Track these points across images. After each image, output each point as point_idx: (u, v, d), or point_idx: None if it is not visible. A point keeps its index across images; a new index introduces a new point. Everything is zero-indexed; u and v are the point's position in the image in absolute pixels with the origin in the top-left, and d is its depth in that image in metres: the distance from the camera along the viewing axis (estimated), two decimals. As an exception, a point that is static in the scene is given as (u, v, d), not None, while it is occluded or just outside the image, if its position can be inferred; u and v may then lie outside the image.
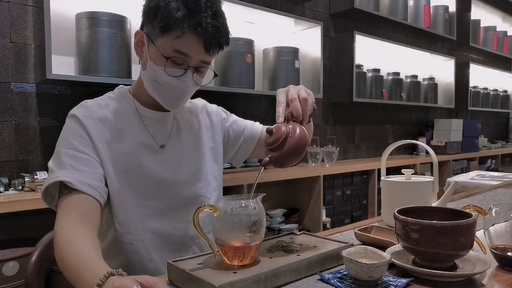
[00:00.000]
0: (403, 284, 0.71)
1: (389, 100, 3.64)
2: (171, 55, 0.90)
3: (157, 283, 0.60)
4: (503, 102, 5.46)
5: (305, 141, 0.80)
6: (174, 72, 0.92)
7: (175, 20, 0.86)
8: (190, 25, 0.86)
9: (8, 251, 1.57)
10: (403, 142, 1.19)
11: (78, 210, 0.84)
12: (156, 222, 0.98)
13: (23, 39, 1.87)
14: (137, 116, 1.00)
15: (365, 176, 3.17)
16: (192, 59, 0.91)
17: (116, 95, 1.02)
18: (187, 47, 0.89)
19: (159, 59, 0.91)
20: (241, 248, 0.73)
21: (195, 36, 0.88)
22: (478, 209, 0.84)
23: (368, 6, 3.25)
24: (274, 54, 2.73)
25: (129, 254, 0.96)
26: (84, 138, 0.92)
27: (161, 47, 0.90)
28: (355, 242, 0.93)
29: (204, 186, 1.06)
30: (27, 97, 1.89)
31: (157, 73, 0.92)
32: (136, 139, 0.98)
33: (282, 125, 0.81)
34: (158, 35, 0.90)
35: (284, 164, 0.82)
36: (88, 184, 0.86)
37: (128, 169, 0.95)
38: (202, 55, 0.91)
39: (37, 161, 1.92)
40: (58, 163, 0.89)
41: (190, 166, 1.04)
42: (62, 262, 0.76)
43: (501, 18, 5.41)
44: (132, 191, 0.95)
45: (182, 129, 1.06)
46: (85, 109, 0.96)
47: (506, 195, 1.66)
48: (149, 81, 0.95)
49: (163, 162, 1.00)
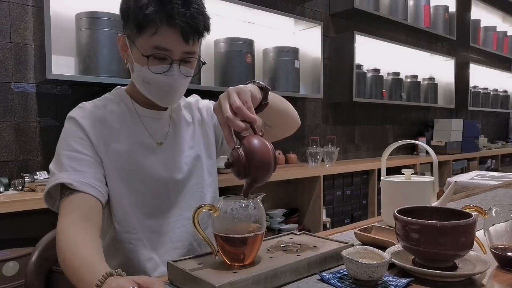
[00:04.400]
0: (403, 284, 0.71)
1: (389, 100, 3.64)
2: (151, 52, 0.89)
3: (155, 283, 0.60)
4: (503, 102, 5.46)
5: (266, 151, 0.73)
6: (159, 69, 0.91)
7: (146, 17, 0.85)
8: (162, 19, 0.85)
9: (8, 251, 1.57)
10: (403, 142, 1.19)
11: (80, 211, 0.84)
12: (154, 220, 0.99)
13: (23, 39, 1.87)
14: (134, 115, 1.00)
15: (365, 176, 3.17)
16: (173, 52, 0.90)
17: (113, 95, 1.02)
18: (165, 42, 0.88)
19: (141, 59, 0.90)
20: (241, 248, 0.73)
21: (170, 28, 0.86)
22: (478, 209, 0.84)
23: (368, 6, 3.25)
24: (274, 54, 2.73)
25: (128, 253, 0.96)
26: (83, 139, 0.92)
27: (141, 47, 0.89)
28: (355, 242, 0.93)
29: (200, 182, 1.06)
30: (27, 97, 1.89)
31: (144, 73, 0.92)
32: (134, 138, 0.98)
33: (235, 152, 0.74)
34: (136, 35, 0.89)
35: (263, 181, 0.76)
36: (88, 184, 0.87)
37: (127, 168, 0.95)
38: (182, 46, 0.89)
39: (37, 161, 1.92)
40: (58, 165, 0.90)
41: (186, 163, 1.04)
42: (64, 263, 0.76)
43: (501, 18, 5.41)
44: (130, 190, 0.96)
45: (178, 127, 1.06)
46: (82, 111, 0.96)
47: (506, 195, 1.66)
48: (139, 82, 0.95)
49: (161, 161, 1.00)
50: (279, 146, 2.89)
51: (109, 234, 0.98)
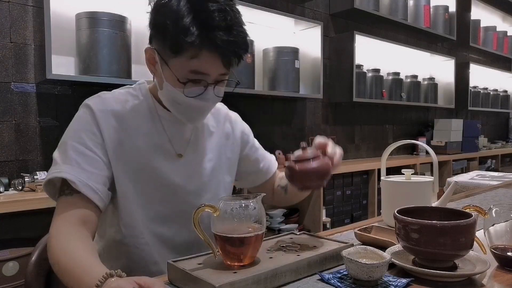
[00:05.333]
0: (403, 284, 0.71)
1: (389, 100, 3.64)
2: (188, 76, 0.84)
3: (155, 284, 0.60)
4: (503, 102, 5.46)
5: (328, 169, 0.89)
6: (193, 92, 0.86)
7: (187, 42, 0.79)
8: (205, 44, 0.80)
9: (8, 251, 1.57)
10: (403, 142, 1.19)
11: (76, 215, 0.82)
12: (161, 226, 0.96)
13: (23, 39, 1.87)
14: (155, 116, 0.95)
15: (365, 176, 3.17)
16: (211, 76, 0.85)
17: (136, 91, 0.97)
18: (204, 67, 0.83)
19: (175, 83, 0.85)
20: (241, 248, 0.73)
21: (212, 53, 0.81)
22: (478, 209, 0.84)
23: (368, 6, 3.25)
24: (274, 54, 2.73)
25: (133, 256, 0.95)
26: (95, 134, 0.88)
27: (175, 69, 0.84)
28: (355, 242, 0.93)
29: (212, 197, 1.00)
30: (27, 97, 1.89)
31: (175, 94, 0.87)
32: (152, 141, 0.93)
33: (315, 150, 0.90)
34: (171, 56, 0.83)
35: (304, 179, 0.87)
36: (90, 186, 0.83)
37: (140, 170, 0.92)
38: (221, 70, 0.85)
39: (37, 161, 1.92)
40: (63, 155, 0.85)
41: (203, 175, 1.00)
42: (58, 265, 0.74)
43: (501, 18, 5.41)
44: (139, 193, 0.92)
45: (201, 136, 1.02)
46: (101, 102, 0.91)
47: (506, 195, 1.66)
48: (168, 101, 0.91)
49: (177, 170, 0.96)
50: (279, 146, 2.89)
51: (111, 236, 0.96)
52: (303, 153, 0.87)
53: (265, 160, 1.18)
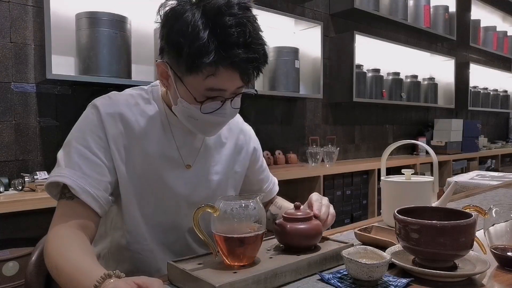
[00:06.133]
0: (403, 284, 0.71)
1: (389, 100, 3.64)
2: (205, 94, 0.81)
3: (153, 283, 0.60)
4: (503, 102, 5.46)
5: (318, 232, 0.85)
6: (210, 108, 0.83)
7: (204, 62, 0.75)
8: (223, 64, 0.76)
9: (8, 251, 1.57)
10: (403, 142, 1.19)
11: (75, 219, 0.81)
12: (164, 234, 0.96)
13: (23, 39, 1.87)
14: (166, 124, 0.92)
15: (365, 176, 3.17)
16: (228, 92, 0.83)
17: (148, 94, 0.94)
18: (221, 84, 0.80)
19: (192, 100, 0.82)
20: (241, 248, 0.73)
21: (228, 71, 0.78)
22: (478, 209, 0.84)
23: (368, 6, 3.25)
24: (274, 54, 2.73)
25: (136, 262, 0.94)
26: (101, 138, 0.86)
27: (191, 87, 0.81)
28: (355, 242, 0.93)
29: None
30: (27, 97, 1.89)
31: (191, 111, 0.84)
32: (160, 149, 0.91)
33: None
34: (185, 73, 0.80)
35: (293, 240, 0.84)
36: (90, 193, 0.82)
37: (145, 177, 0.90)
38: (239, 84, 0.83)
39: (37, 161, 1.92)
40: (67, 158, 0.84)
41: (209, 188, 0.99)
42: (56, 269, 0.73)
43: (501, 18, 5.41)
44: (143, 200, 0.91)
45: (212, 146, 1.00)
46: (110, 104, 0.88)
47: (506, 195, 1.66)
48: (184, 117, 0.88)
49: (183, 181, 0.94)
50: (279, 146, 2.90)
51: (116, 240, 0.95)
52: (295, 211, 0.85)
53: (269, 182, 1.18)
